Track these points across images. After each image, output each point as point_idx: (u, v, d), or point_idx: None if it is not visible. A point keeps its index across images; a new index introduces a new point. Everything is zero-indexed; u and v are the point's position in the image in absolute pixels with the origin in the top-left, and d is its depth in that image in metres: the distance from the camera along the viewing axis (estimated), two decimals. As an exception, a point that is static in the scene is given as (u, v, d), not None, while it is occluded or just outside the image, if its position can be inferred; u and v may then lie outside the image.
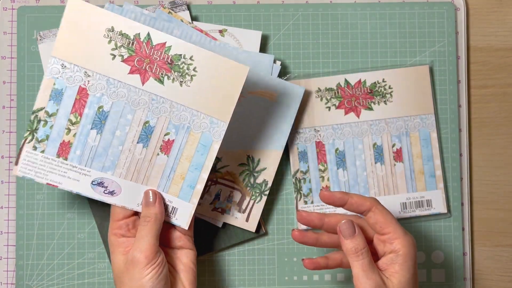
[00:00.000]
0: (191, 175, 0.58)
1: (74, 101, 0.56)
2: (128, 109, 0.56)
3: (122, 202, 0.58)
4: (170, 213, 0.59)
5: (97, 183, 0.57)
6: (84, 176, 0.57)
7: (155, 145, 0.57)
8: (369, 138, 0.67)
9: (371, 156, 0.67)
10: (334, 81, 0.67)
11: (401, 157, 0.67)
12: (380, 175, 0.67)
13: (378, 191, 0.67)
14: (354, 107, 0.67)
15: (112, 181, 0.57)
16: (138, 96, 0.56)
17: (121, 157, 0.57)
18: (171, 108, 0.56)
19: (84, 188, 0.57)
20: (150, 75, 0.55)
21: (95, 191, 0.57)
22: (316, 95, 0.67)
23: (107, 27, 0.55)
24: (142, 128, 0.57)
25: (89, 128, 0.56)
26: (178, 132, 0.57)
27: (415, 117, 0.67)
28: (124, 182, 0.57)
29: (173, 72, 0.56)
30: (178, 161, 0.58)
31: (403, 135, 0.67)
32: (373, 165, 0.67)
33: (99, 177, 0.57)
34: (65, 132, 0.56)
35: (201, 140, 0.57)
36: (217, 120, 0.57)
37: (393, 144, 0.67)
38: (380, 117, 0.67)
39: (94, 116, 0.56)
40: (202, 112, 0.57)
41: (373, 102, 0.67)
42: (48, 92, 0.56)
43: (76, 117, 0.56)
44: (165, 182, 0.58)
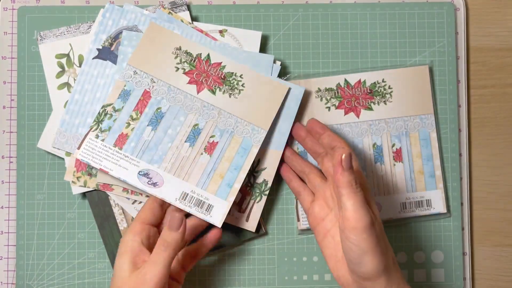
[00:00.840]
0: (230, 175, 0.63)
1: (138, 101, 0.64)
2: (182, 112, 0.64)
3: (162, 194, 0.62)
4: (205, 211, 0.62)
5: (143, 173, 0.62)
6: (134, 166, 0.62)
7: (200, 145, 0.64)
8: (369, 138, 0.67)
9: (371, 156, 0.67)
10: (334, 81, 0.67)
11: (400, 157, 0.67)
12: (380, 175, 0.67)
13: (378, 191, 0.66)
14: (354, 107, 0.67)
15: (156, 173, 0.62)
16: (192, 102, 0.64)
17: (169, 153, 0.63)
18: (219, 114, 0.64)
19: (131, 176, 0.62)
20: (205, 86, 0.64)
21: (140, 181, 0.62)
22: (316, 95, 0.67)
23: (175, 46, 0.65)
24: (191, 129, 0.64)
25: (146, 124, 0.63)
26: (223, 135, 0.64)
27: (414, 117, 0.67)
28: (167, 175, 0.62)
29: (225, 86, 0.64)
30: (219, 161, 0.63)
31: (403, 135, 0.67)
32: (373, 165, 0.67)
33: (146, 168, 0.62)
34: (125, 126, 0.63)
35: (242, 143, 0.64)
36: (258, 128, 0.64)
37: (392, 144, 0.67)
38: (380, 117, 0.67)
39: (152, 115, 0.63)
40: (245, 119, 0.64)
41: (373, 102, 0.67)
42: (118, 91, 0.64)
43: (137, 114, 0.63)
44: (205, 180, 0.63)
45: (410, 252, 0.68)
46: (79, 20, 0.68)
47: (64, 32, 0.67)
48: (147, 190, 0.62)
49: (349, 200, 0.54)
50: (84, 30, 0.67)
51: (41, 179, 0.67)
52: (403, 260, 0.68)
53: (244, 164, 0.63)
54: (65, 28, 0.67)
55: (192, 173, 0.63)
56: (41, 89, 0.67)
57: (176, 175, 0.63)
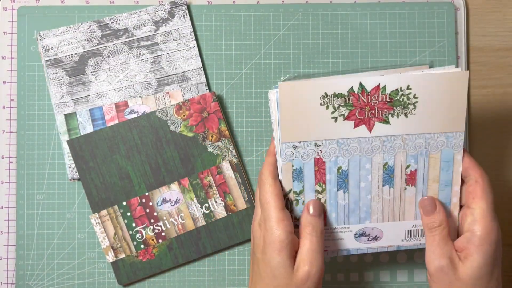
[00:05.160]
0: (443, 193, 0.58)
1: (314, 173, 0.57)
2: (365, 160, 0.57)
3: (388, 242, 0.59)
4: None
5: (359, 234, 0.58)
6: (347, 233, 0.58)
7: (399, 181, 0.58)
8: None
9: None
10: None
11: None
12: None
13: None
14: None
15: (372, 228, 0.58)
16: (369, 144, 0.56)
17: (373, 205, 0.58)
18: (403, 142, 0.56)
19: (349, 243, 0.58)
20: (375, 120, 0.56)
21: (360, 242, 0.59)
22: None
23: (320, 95, 0.54)
24: (383, 171, 0.57)
25: (335, 190, 0.57)
26: (418, 160, 0.57)
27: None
28: (383, 225, 0.58)
29: (395, 108, 0.55)
30: (426, 186, 0.58)
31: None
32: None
33: (359, 229, 0.58)
34: None
35: (442, 157, 0.57)
36: (452, 133, 0.56)
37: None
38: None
39: (337, 179, 0.57)
40: (435, 132, 0.56)
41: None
42: (289, 174, 0.57)
43: (321, 186, 0.57)
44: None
45: (410, 252, 0.68)
46: (79, 20, 0.68)
47: (64, 32, 0.67)
48: (372, 246, 0.59)
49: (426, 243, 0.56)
50: (84, 30, 0.67)
51: (41, 179, 0.67)
52: (403, 260, 0.68)
53: (453, 176, 0.57)
54: (65, 28, 0.67)
55: (405, 210, 0.58)
56: (41, 89, 0.67)
57: (391, 220, 0.58)
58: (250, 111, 0.68)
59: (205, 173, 0.66)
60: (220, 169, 0.66)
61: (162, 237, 0.66)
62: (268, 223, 0.54)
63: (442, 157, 0.57)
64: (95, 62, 0.67)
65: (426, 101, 0.55)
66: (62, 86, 0.67)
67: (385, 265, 0.68)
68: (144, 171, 0.66)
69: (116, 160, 0.65)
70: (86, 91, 0.67)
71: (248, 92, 0.68)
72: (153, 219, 0.66)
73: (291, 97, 0.54)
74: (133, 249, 0.66)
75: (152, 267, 0.66)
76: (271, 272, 0.54)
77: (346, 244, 0.59)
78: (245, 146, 0.68)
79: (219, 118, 0.67)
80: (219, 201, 0.66)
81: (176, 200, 0.66)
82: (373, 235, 0.59)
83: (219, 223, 0.66)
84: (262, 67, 0.68)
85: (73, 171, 0.66)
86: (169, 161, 0.66)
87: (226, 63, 0.68)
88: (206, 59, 0.68)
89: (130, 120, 0.66)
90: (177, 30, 0.68)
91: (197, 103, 0.66)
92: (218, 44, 0.69)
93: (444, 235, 0.54)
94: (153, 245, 0.66)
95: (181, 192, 0.66)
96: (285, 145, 0.56)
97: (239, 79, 0.68)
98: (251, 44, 0.69)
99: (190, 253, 0.66)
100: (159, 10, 0.68)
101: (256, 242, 0.56)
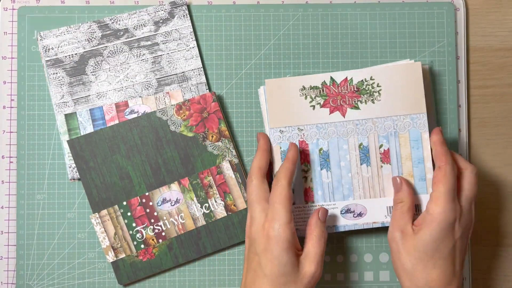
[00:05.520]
0: (418, 170, 0.64)
1: (300, 154, 0.64)
2: (342, 141, 0.64)
3: (373, 219, 0.64)
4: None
5: (345, 211, 0.64)
6: (333, 209, 0.64)
7: (375, 160, 0.64)
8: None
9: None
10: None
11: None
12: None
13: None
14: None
15: (356, 205, 0.64)
16: (344, 127, 0.64)
17: (354, 182, 0.64)
18: (374, 124, 0.64)
19: (336, 220, 0.64)
20: (346, 107, 0.64)
21: (346, 218, 0.64)
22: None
23: (299, 88, 0.65)
24: (359, 150, 0.64)
25: (319, 169, 0.64)
26: (389, 140, 0.64)
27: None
28: (365, 201, 0.64)
29: (363, 96, 0.64)
30: (401, 163, 0.64)
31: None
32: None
33: (344, 205, 0.64)
34: (304, 181, 0.64)
35: (411, 137, 0.64)
36: (416, 115, 0.64)
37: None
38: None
39: (319, 158, 0.64)
40: (400, 114, 0.64)
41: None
42: (279, 156, 0.64)
43: (306, 165, 0.64)
44: None
45: (410, 252, 0.68)
46: (79, 20, 0.68)
47: (64, 32, 0.67)
48: (358, 222, 0.64)
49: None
50: (84, 30, 0.67)
51: (41, 179, 0.67)
52: (403, 260, 0.68)
53: (423, 153, 0.64)
54: (65, 28, 0.67)
55: (384, 187, 0.64)
56: (41, 89, 0.67)
57: (372, 196, 0.64)
58: (250, 111, 0.68)
59: (205, 173, 0.66)
60: (220, 169, 0.66)
61: (162, 237, 0.66)
62: (277, 222, 0.57)
63: (410, 136, 0.64)
64: (95, 62, 0.67)
65: (388, 88, 0.64)
66: (62, 86, 0.67)
67: (385, 265, 0.68)
68: (144, 171, 0.66)
69: (117, 160, 0.66)
70: (87, 91, 0.67)
71: (248, 92, 0.68)
72: (153, 219, 0.66)
73: (275, 90, 0.64)
74: (133, 249, 0.66)
75: (152, 267, 0.66)
76: (279, 270, 0.57)
77: (334, 220, 0.64)
78: (245, 146, 0.68)
79: (219, 118, 0.67)
80: (219, 201, 0.66)
81: (176, 200, 0.66)
82: (357, 212, 0.64)
83: (219, 223, 0.66)
84: (262, 67, 0.69)
85: (74, 171, 0.66)
86: (169, 161, 0.66)
87: (226, 63, 0.69)
88: (206, 59, 0.68)
89: (130, 120, 0.66)
90: (177, 30, 0.68)
91: (197, 103, 0.66)
92: (218, 44, 0.69)
93: (403, 210, 0.61)
94: (153, 245, 0.66)
95: (181, 192, 0.66)
96: (273, 130, 0.64)
97: (239, 79, 0.68)
98: (251, 44, 0.69)
99: (190, 253, 0.66)
100: (159, 10, 0.68)
101: (258, 240, 0.58)
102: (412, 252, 0.59)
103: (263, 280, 0.57)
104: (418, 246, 0.58)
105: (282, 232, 0.57)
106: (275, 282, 0.57)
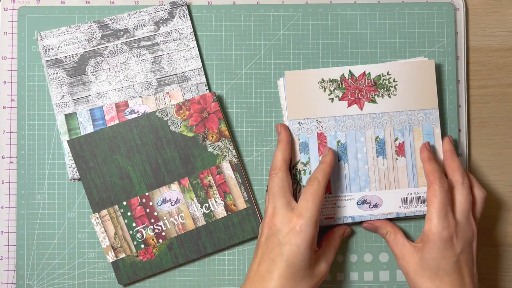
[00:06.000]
0: None
1: (318, 146, 0.66)
2: (359, 134, 0.66)
3: (388, 210, 0.66)
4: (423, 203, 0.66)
5: (361, 202, 0.66)
6: (349, 200, 0.66)
7: (391, 152, 0.67)
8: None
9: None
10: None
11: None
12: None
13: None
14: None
15: (371, 196, 0.66)
16: (362, 120, 0.66)
17: (370, 174, 0.66)
18: (390, 118, 0.66)
19: (353, 210, 0.66)
20: (364, 100, 0.66)
21: (362, 209, 0.66)
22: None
23: (318, 80, 0.66)
24: (375, 143, 0.66)
25: (337, 161, 0.66)
26: (404, 134, 0.67)
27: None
28: (381, 192, 0.66)
29: (380, 90, 0.66)
30: (414, 156, 0.66)
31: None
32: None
33: (361, 196, 0.66)
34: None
35: (424, 131, 0.66)
36: (429, 110, 0.66)
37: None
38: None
39: (337, 150, 0.66)
40: (414, 109, 0.66)
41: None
42: (297, 147, 0.66)
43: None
44: (412, 178, 0.66)
45: (410, 252, 0.68)
46: (79, 20, 0.68)
47: (64, 32, 0.67)
48: (374, 213, 0.66)
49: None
50: (84, 30, 0.67)
51: (41, 179, 0.67)
52: (403, 260, 0.68)
53: (436, 147, 0.66)
54: (65, 28, 0.67)
55: (399, 178, 0.66)
56: (41, 89, 0.67)
57: (388, 188, 0.66)
58: (250, 111, 0.68)
59: (205, 173, 0.66)
60: (220, 169, 0.66)
61: (162, 237, 0.66)
62: (308, 220, 0.59)
63: (423, 131, 0.67)
64: (95, 62, 0.67)
65: (404, 84, 0.66)
66: (62, 86, 0.67)
67: (385, 265, 0.68)
68: (144, 171, 0.66)
69: (117, 160, 0.66)
70: (87, 91, 0.67)
71: (248, 92, 0.68)
72: (153, 219, 0.66)
73: (295, 82, 0.66)
74: (133, 249, 0.66)
75: (152, 267, 0.66)
76: (301, 263, 0.59)
77: (350, 211, 0.66)
78: (245, 146, 0.68)
79: (219, 118, 0.67)
80: (219, 201, 0.67)
81: (176, 200, 0.66)
82: (373, 203, 0.66)
83: (219, 223, 0.66)
84: (262, 67, 0.69)
85: (74, 171, 0.66)
86: (169, 161, 0.66)
87: (226, 63, 0.69)
88: (206, 59, 0.68)
89: (130, 120, 0.66)
90: (177, 30, 0.68)
91: (197, 103, 0.66)
92: (218, 44, 0.69)
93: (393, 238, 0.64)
94: (153, 245, 0.66)
95: (181, 192, 0.66)
96: (292, 122, 0.66)
97: (239, 79, 0.69)
98: (251, 44, 0.69)
99: (190, 253, 0.66)
100: (159, 10, 0.68)
101: (283, 232, 0.59)
102: (418, 271, 0.61)
103: (283, 270, 0.58)
104: (422, 265, 0.61)
105: (311, 230, 0.59)
106: (295, 275, 0.58)
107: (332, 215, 0.66)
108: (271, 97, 0.68)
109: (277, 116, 0.68)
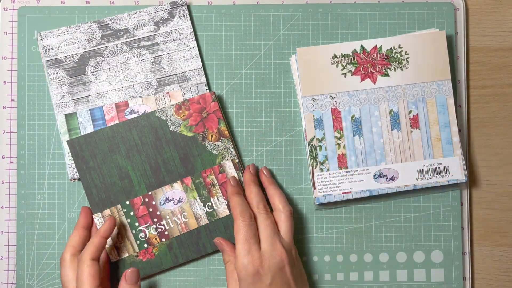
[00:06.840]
0: (444, 133, 0.67)
1: (332, 121, 0.67)
2: (373, 108, 0.67)
3: (404, 182, 0.66)
4: (444, 174, 0.66)
5: (378, 175, 0.66)
6: (366, 174, 0.66)
7: (405, 125, 0.67)
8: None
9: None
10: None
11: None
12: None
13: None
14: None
15: (388, 169, 0.66)
16: (375, 94, 0.67)
17: (385, 147, 0.67)
18: (403, 91, 0.67)
19: (370, 184, 0.66)
20: (377, 74, 0.67)
21: (379, 183, 0.66)
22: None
23: (330, 56, 0.67)
24: (390, 116, 0.67)
25: (352, 136, 0.67)
26: (417, 106, 0.67)
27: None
28: (397, 165, 0.66)
29: (392, 63, 0.67)
30: (429, 128, 0.67)
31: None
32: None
33: (377, 170, 0.66)
34: (337, 148, 0.67)
35: (437, 102, 0.67)
36: (441, 81, 0.67)
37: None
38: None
39: (352, 125, 0.67)
40: (427, 81, 0.67)
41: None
42: (311, 124, 0.67)
43: (339, 132, 0.67)
44: (428, 150, 0.67)
45: (409, 252, 0.68)
46: (79, 20, 0.68)
47: (64, 32, 0.67)
48: (391, 186, 0.66)
49: None
50: (84, 30, 0.67)
51: (41, 179, 0.67)
52: (403, 260, 0.68)
53: (449, 118, 0.67)
54: (65, 28, 0.67)
55: (415, 151, 0.67)
56: (41, 89, 0.67)
57: (404, 160, 0.66)
58: (250, 111, 0.68)
59: (208, 172, 0.66)
60: (222, 168, 0.66)
61: (165, 236, 0.66)
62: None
63: (437, 102, 0.67)
64: (95, 62, 0.67)
65: (416, 56, 0.67)
66: (62, 86, 0.67)
67: (385, 265, 0.68)
68: (144, 171, 0.66)
69: (116, 160, 0.66)
70: (87, 91, 0.67)
71: (248, 92, 0.69)
72: (156, 218, 0.66)
73: (307, 59, 0.66)
74: (136, 248, 0.66)
75: (152, 266, 0.66)
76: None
77: (367, 185, 0.66)
78: (245, 146, 0.68)
79: (218, 118, 0.67)
80: (221, 200, 0.67)
81: (179, 199, 0.66)
82: (390, 176, 0.66)
83: (219, 223, 0.66)
84: (262, 67, 0.69)
85: (74, 171, 0.66)
86: (169, 161, 0.66)
87: (226, 63, 0.69)
88: (206, 59, 0.69)
89: (130, 120, 0.66)
90: (177, 30, 0.68)
91: (197, 103, 0.66)
92: (218, 44, 0.69)
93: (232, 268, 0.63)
94: (156, 244, 0.66)
95: (184, 191, 0.66)
96: (306, 98, 0.66)
97: (239, 79, 0.69)
98: (251, 44, 0.69)
99: (190, 253, 0.66)
100: (159, 10, 0.68)
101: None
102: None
103: None
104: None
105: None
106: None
107: (349, 189, 0.66)
108: (271, 97, 0.68)
109: (277, 116, 0.68)
